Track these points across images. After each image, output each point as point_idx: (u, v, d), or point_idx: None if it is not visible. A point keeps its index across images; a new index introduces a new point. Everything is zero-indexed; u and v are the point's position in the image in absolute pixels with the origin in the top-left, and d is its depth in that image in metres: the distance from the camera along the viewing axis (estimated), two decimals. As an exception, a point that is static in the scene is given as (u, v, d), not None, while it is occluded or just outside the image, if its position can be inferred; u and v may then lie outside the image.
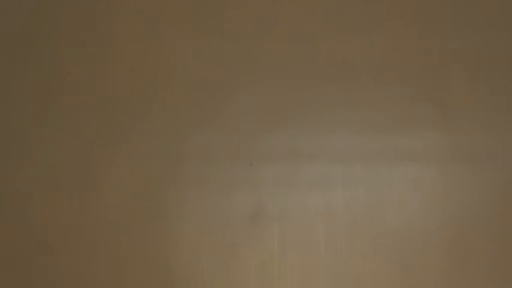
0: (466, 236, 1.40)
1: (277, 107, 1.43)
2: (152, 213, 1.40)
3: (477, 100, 1.43)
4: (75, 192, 1.40)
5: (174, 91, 1.43)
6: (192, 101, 1.43)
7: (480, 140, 1.42)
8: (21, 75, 1.43)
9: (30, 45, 1.44)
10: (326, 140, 1.42)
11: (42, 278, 1.38)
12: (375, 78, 1.44)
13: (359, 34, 1.45)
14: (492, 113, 1.43)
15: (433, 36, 1.45)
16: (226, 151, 1.41)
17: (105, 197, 1.40)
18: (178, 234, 1.39)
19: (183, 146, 1.41)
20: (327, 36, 1.45)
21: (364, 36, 1.45)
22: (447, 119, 1.43)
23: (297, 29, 1.45)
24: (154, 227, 1.39)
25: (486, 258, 1.40)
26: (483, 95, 1.44)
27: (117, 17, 1.45)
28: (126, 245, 1.39)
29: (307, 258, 1.39)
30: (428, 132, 1.42)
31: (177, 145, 1.41)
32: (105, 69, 1.44)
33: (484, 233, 1.40)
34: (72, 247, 1.39)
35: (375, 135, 1.42)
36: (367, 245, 1.40)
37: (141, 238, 1.39)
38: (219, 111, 1.42)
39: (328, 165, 1.41)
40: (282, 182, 1.41)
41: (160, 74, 1.44)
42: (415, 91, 1.44)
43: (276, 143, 1.42)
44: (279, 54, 1.44)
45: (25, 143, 1.41)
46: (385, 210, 1.41)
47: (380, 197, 1.41)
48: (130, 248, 1.39)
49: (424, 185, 1.41)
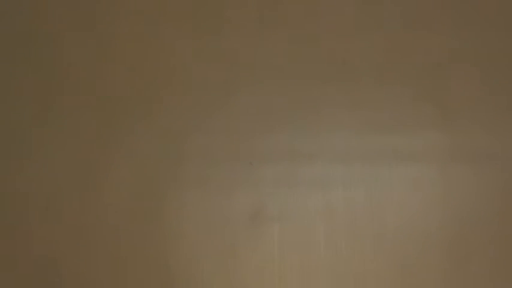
0: (466, 236, 1.40)
1: (277, 107, 1.43)
2: (152, 213, 1.40)
3: (477, 100, 1.43)
4: (75, 192, 1.40)
5: (174, 91, 1.43)
6: (192, 101, 1.43)
7: (480, 140, 1.42)
8: (21, 75, 1.43)
9: (30, 45, 1.44)
10: (326, 140, 1.42)
11: (42, 277, 1.38)
12: (375, 78, 1.44)
13: (359, 34, 1.45)
14: (492, 113, 1.43)
15: (433, 36, 1.45)
16: (226, 151, 1.41)
17: (105, 197, 1.40)
18: (178, 234, 1.39)
19: (183, 146, 1.41)
20: (327, 36, 1.45)
21: (364, 36, 1.45)
22: (447, 119, 1.43)
23: (297, 29, 1.45)
24: (154, 227, 1.39)
25: (486, 258, 1.40)
26: (483, 95, 1.44)
27: (117, 17, 1.45)
28: (126, 245, 1.39)
29: (307, 258, 1.39)
30: (428, 132, 1.42)
31: (177, 145, 1.41)
32: (105, 69, 1.44)
33: (484, 233, 1.40)
34: (72, 247, 1.39)
35: (375, 135, 1.42)
36: (367, 245, 1.40)
37: (141, 238, 1.39)
38: (219, 111, 1.42)
39: (328, 165, 1.41)
40: (282, 182, 1.41)
41: (160, 74, 1.44)
42: (415, 91, 1.44)
43: (276, 143, 1.42)
44: (279, 54, 1.44)
45: (25, 143, 1.41)
46: (385, 210, 1.40)
47: (380, 197, 1.41)
48: (130, 248, 1.39)
49: (424, 185, 1.41)
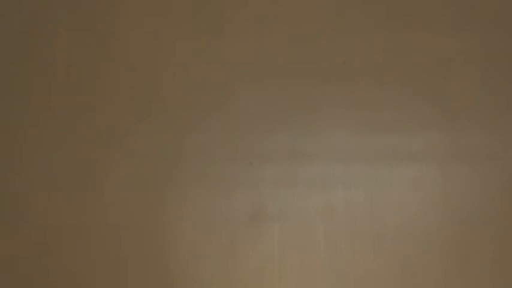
0: (466, 235, 1.40)
1: (277, 107, 1.43)
2: (152, 212, 1.40)
3: (477, 100, 1.43)
4: (75, 192, 1.40)
5: (174, 91, 1.43)
6: (191, 101, 1.43)
7: (480, 140, 1.42)
8: (21, 75, 1.43)
9: (30, 45, 1.44)
10: (326, 140, 1.42)
11: (42, 278, 1.38)
12: (375, 78, 1.44)
13: (359, 34, 1.45)
14: (492, 113, 1.43)
15: (433, 36, 1.45)
16: (226, 151, 1.41)
17: (105, 197, 1.40)
18: (177, 234, 1.39)
19: (183, 145, 1.41)
20: (327, 36, 1.45)
21: (364, 36, 1.45)
22: (447, 119, 1.43)
23: (297, 29, 1.45)
24: (154, 227, 1.39)
25: (486, 258, 1.39)
26: (483, 95, 1.44)
27: (117, 17, 1.45)
28: (125, 245, 1.39)
29: (307, 258, 1.39)
30: (428, 132, 1.42)
31: (177, 145, 1.41)
32: (105, 69, 1.44)
33: (484, 232, 1.40)
34: (72, 247, 1.39)
35: (375, 135, 1.42)
36: (367, 245, 1.40)
37: (141, 238, 1.39)
38: (218, 111, 1.42)
39: (328, 165, 1.41)
40: (282, 182, 1.41)
41: (160, 74, 1.44)
42: (415, 91, 1.44)
43: (276, 143, 1.42)
44: (279, 54, 1.44)
45: (25, 143, 1.41)
46: (385, 210, 1.40)
47: (380, 197, 1.41)
48: (130, 247, 1.39)
49: (424, 185, 1.41)
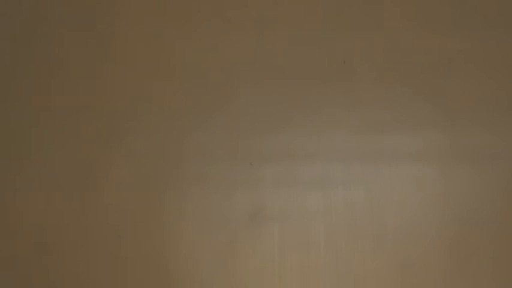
0: (467, 235, 1.40)
1: (277, 107, 1.43)
2: (152, 212, 1.39)
3: (477, 100, 1.43)
4: (75, 192, 1.40)
5: (174, 91, 1.43)
6: (191, 101, 1.43)
7: (480, 139, 1.42)
8: (21, 75, 1.43)
9: (30, 45, 1.44)
10: (326, 139, 1.42)
11: (42, 278, 1.38)
12: (374, 78, 1.44)
13: (359, 34, 1.45)
14: (492, 113, 1.43)
15: (433, 36, 1.45)
16: (226, 151, 1.41)
17: (105, 197, 1.40)
18: (177, 234, 1.39)
19: (183, 145, 1.41)
20: (327, 36, 1.45)
21: (364, 36, 1.45)
22: (447, 119, 1.43)
23: (297, 29, 1.45)
24: (154, 227, 1.39)
25: (487, 258, 1.39)
26: (483, 95, 1.44)
27: (117, 17, 1.45)
28: (125, 245, 1.39)
29: (307, 258, 1.39)
30: (429, 132, 1.42)
31: (177, 145, 1.41)
32: (105, 69, 1.44)
33: (484, 232, 1.40)
34: (72, 247, 1.39)
35: (375, 135, 1.42)
36: (367, 245, 1.39)
37: (141, 238, 1.39)
38: (218, 111, 1.42)
39: (328, 165, 1.41)
40: (281, 182, 1.41)
41: (161, 73, 1.44)
42: (415, 91, 1.44)
43: (275, 142, 1.42)
44: (279, 54, 1.44)
45: (25, 143, 1.41)
46: (385, 210, 1.40)
47: (380, 197, 1.41)
48: (130, 247, 1.39)
49: (424, 185, 1.41)
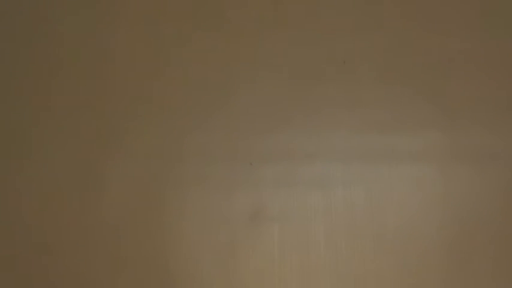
0: (467, 235, 1.40)
1: (277, 107, 1.43)
2: (152, 213, 1.39)
3: (477, 100, 1.43)
4: (75, 192, 1.40)
5: (173, 91, 1.43)
6: (191, 101, 1.43)
7: (480, 139, 1.42)
8: (21, 75, 1.43)
9: (30, 45, 1.44)
10: (326, 139, 1.42)
11: (42, 278, 1.38)
12: (374, 78, 1.44)
13: (359, 34, 1.45)
14: (492, 113, 1.43)
15: (433, 36, 1.45)
16: (226, 151, 1.41)
17: (105, 197, 1.40)
18: (177, 234, 1.39)
19: (183, 145, 1.41)
20: (327, 36, 1.45)
21: (364, 36, 1.45)
22: (447, 119, 1.43)
23: (297, 29, 1.45)
24: (154, 227, 1.39)
25: (487, 258, 1.39)
26: (483, 95, 1.44)
27: (117, 17, 1.45)
28: (126, 245, 1.39)
29: (307, 258, 1.39)
30: (429, 132, 1.42)
31: (177, 145, 1.41)
32: (105, 69, 1.44)
33: (485, 232, 1.40)
34: (72, 247, 1.39)
35: (375, 135, 1.42)
36: (367, 245, 1.39)
37: (141, 238, 1.39)
38: (218, 111, 1.42)
39: (328, 165, 1.41)
40: (281, 181, 1.41)
41: (161, 73, 1.44)
42: (415, 91, 1.44)
43: (275, 142, 1.42)
44: (279, 54, 1.44)
45: (25, 143, 1.41)
46: (385, 210, 1.40)
47: (380, 197, 1.40)
48: (130, 248, 1.39)
49: (424, 185, 1.41)
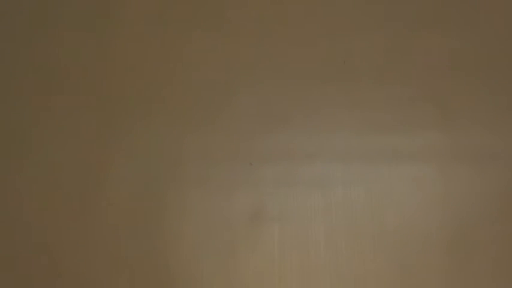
0: (467, 235, 1.40)
1: (277, 107, 1.43)
2: (152, 213, 1.40)
3: (477, 100, 1.43)
4: (75, 192, 1.40)
5: (174, 91, 1.43)
6: (192, 101, 1.43)
7: (480, 139, 1.42)
8: (21, 75, 1.43)
9: (30, 45, 1.44)
10: (326, 139, 1.42)
11: (42, 278, 1.38)
12: (375, 78, 1.44)
13: (359, 34, 1.45)
14: (492, 113, 1.43)
15: (433, 36, 1.45)
16: (226, 151, 1.41)
17: (105, 197, 1.40)
18: (178, 234, 1.39)
19: (183, 146, 1.41)
20: (327, 36, 1.45)
21: (364, 36, 1.45)
22: (447, 119, 1.43)
23: (297, 29, 1.45)
24: (154, 227, 1.39)
25: (487, 258, 1.39)
26: (483, 95, 1.44)
27: (117, 17, 1.45)
28: (126, 245, 1.39)
29: (307, 258, 1.39)
30: (429, 132, 1.42)
31: (177, 145, 1.41)
32: (105, 69, 1.44)
33: (484, 232, 1.40)
34: (72, 247, 1.39)
35: (375, 135, 1.42)
36: (367, 245, 1.39)
37: (141, 238, 1.39)
38: (219, 111, 1.42)
39: (328, 165, 1.41)
40: (281, 182, 1.41)
41: (161, 74, 1.44)
42: (415, 91, 1.44)
43: (275, 143, 1.42)
44: (279, 54, 1.45)
45: (25, 143, 1.41)
46: (385, 210, 1.40)
47: (380, 197, 1.41)
48: (130, 248, 1.39)
49: (424, 185, 1.41)
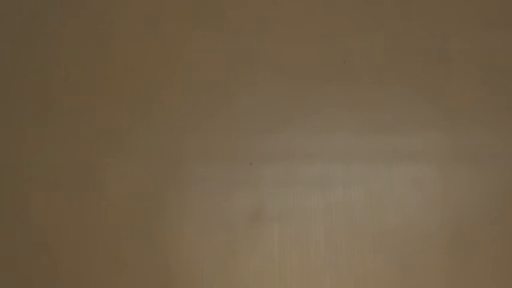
0: (467, 235, 1.40)
1: (277, 107, 1.43)
2: (152, 213, 1.40)
3: (477, 100, 1.43)
4: (75, 192, 1.40)
5: (174, 91, 1.43)
6: (192, 101, 1.43)
7: (480, 139, 1.42)
8: (21, 75, 1.43)
9: (30, 45, 1.44)
10: (326, 139, 1.42)
11: (42, 278, 1.38)
12: (375, 78, 1.44)
13: (359, 34, 1.45)
14: (492, 113, 1.43)
15: (433, 36, 1.45)
16: (226, 151, 1.41)
17: (105, 197, 1.40)
18: (178, 234, 1.39)
19: (183, 145, 1.41)
20: (327, 36, 1.45)
21: (364, 36, 1.45)
22: (447, 119, 1.43)
23: (297, 29, 1.45)
24: (154, 227, 1.39)
25: (487, 258, 1.39)
26: (483, 95, 1.44)
27: (117, 17, 1.45)
28: (126, 245, 1.39)
29: (307, 258, 1.39)
30: (429, 132, 1.42)
31: (177, 145, 1.41)
32: (105, 69, 1.44)
33: (484, 232, 1.40)
34: (72, 247, 1.39)
35: (375, 135, 1.42)
36: (367, 244, 1.40)
37: (141, 238, 1.39)
38: (218, 111, 1.42)
39: (328, 165, 1.41)
40: (281, 181, 1.41)
41: (161, 74, 1.44)
42: (415, 91, 1.44)
43: (275, 143, 1.42)
44: (278, 54, 1.45)
45: (26, 143, 1.41)
46: (385, 210, 1.40)
47: (380, 197, 1.41)
48: (130, 248, 1.39)
49: (424, 185, 1.41)
